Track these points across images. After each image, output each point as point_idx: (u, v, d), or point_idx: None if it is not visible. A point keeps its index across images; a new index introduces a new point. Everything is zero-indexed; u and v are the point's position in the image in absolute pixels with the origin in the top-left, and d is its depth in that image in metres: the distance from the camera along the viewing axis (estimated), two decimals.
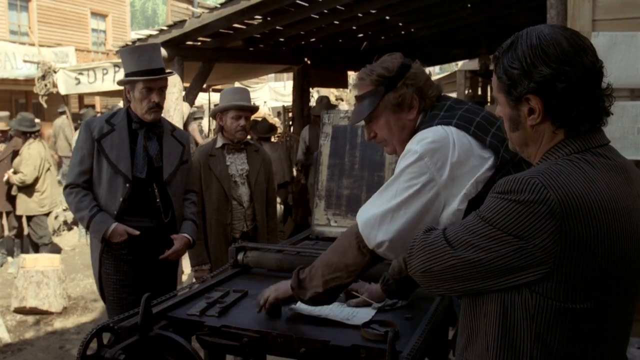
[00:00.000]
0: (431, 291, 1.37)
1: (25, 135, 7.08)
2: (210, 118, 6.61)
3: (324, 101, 7.92)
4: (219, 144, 3.67)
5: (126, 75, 3.10)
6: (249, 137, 3.91)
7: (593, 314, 1.19)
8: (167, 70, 3.22)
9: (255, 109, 3.75)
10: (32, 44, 14.29)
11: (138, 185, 3.06)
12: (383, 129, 1.93)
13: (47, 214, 7.34)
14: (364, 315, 2.01)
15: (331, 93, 22.05)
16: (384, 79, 1.90)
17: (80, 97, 16.52)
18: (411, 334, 1.81)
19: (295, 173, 8.07)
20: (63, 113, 11.31)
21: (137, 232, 3.02)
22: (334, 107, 9.21)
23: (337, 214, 3.30)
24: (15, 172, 6.90)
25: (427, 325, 1.85)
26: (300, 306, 2.05)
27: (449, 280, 1.28)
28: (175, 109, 6.10)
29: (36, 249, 7.06)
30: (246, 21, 6.33)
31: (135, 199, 3.06)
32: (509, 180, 1.20)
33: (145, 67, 3.04)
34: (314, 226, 3.35)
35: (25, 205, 7.01)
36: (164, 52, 5.97)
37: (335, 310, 2.05)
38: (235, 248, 2.61)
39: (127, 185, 3.02)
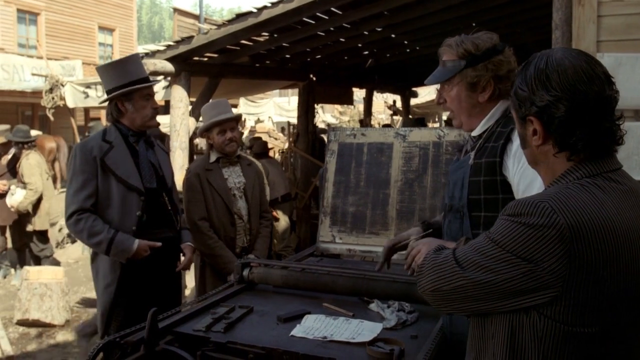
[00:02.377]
0: (440, 310, 1.38)
1: (19, 146, 7.07)
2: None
3: None
4: (213, 158, 3.63)
5: (115, 88, 3.01)
6: (247, 152, 3.85)
7: (601, 338, 1.19)
8: (152, 79, 3.21)
9: (237, 117, 3.67)
10: (40, 57, 14.42)
11: (151, 197, 3.03)
12: (453, 101, 2.00)
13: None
14: (368, 332, 2.01)
15: (335, 109, 22.18)
16: (468, 54, 1.93)
17: (86, 110, 16.62)
18: (416, 353, 1.82)
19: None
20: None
21: (160, 244, 2.96)
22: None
23: (342, 231, 3.31)
24: (23, 185, 6.86)
25: (433, 344, 1.85)
26: (305, 328, 2.06)
27: (458, 300, 1.29)
28: (181, 124, 6.14)
29: (37, 261, 7.05)
30: (253, 37, 6.39)
31: (150, 210, 3.02)
32: (519, 203, 1.22)
33: (141, 76, 3.04)
34: (318, 243, 3.36)
35: (38, 220, 6.99)
36: (170, 66, 6.04)
37: (340, 328, 2.05)
38: (241, 264, 2.62)
39: (142, 198, 2.97)
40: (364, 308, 2.31)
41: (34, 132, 8.00)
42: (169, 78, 6.69)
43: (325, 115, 20.82)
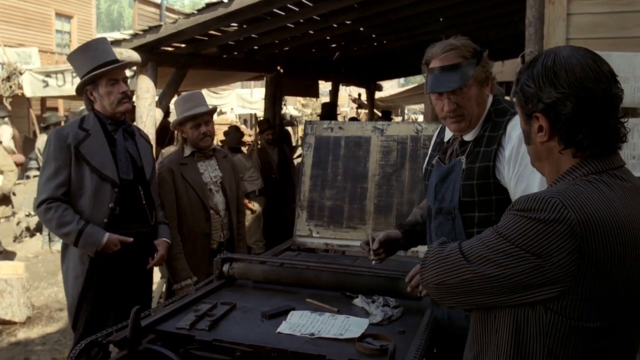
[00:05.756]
0: (442, 303, 1.38)
1: None
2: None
3: None
4: (187, 152, 3.51)
5: (83, 77, 2.94)
6: (218, 143, 3.76)
7: (605, 332, 1.20)
8: (122, 61, 3.11)
9: (212, 110, 3.58)
10: None
11: (126, 189, 2.93)
12: (471, 100, 1.97)
13: None
14: (356, 328, 2.00)
15: (297, 101, 22.09)
16: (475, 51, 1.95)
17: (43, 99, 16.08)
18: (405, 348, 1.82)
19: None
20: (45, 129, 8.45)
21: (131, 240, 2.88)
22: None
23: (319, 225, 3.29)
24: None
25: (422, 339, 1.85)
26: (291, 325, 2.03)
27: (463, 293, 1.29)
28: (148, 115, 5.98)
29: None
30: (222, 28, 6.28)
31: (124, 203, 2.92)
32: (529, 198, 1.22)
33: (103, 60, 2.92)
34: (295, 237, 3.33)
35: None
36: (137, 56, 5.87)
37: (327, 325, 2.04)
38: (221, 259, 2.57)
39: (116, 189, 2.88)
40: (348, 303, 2.30)
41: None
42: (134, 68, 6.51)
43: (288, 107, 20.70)
